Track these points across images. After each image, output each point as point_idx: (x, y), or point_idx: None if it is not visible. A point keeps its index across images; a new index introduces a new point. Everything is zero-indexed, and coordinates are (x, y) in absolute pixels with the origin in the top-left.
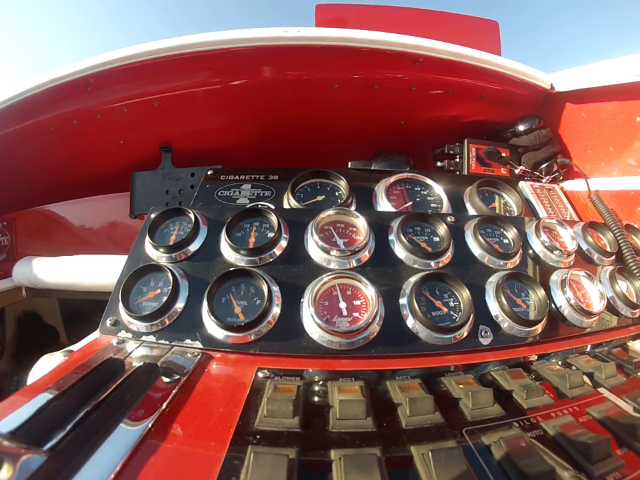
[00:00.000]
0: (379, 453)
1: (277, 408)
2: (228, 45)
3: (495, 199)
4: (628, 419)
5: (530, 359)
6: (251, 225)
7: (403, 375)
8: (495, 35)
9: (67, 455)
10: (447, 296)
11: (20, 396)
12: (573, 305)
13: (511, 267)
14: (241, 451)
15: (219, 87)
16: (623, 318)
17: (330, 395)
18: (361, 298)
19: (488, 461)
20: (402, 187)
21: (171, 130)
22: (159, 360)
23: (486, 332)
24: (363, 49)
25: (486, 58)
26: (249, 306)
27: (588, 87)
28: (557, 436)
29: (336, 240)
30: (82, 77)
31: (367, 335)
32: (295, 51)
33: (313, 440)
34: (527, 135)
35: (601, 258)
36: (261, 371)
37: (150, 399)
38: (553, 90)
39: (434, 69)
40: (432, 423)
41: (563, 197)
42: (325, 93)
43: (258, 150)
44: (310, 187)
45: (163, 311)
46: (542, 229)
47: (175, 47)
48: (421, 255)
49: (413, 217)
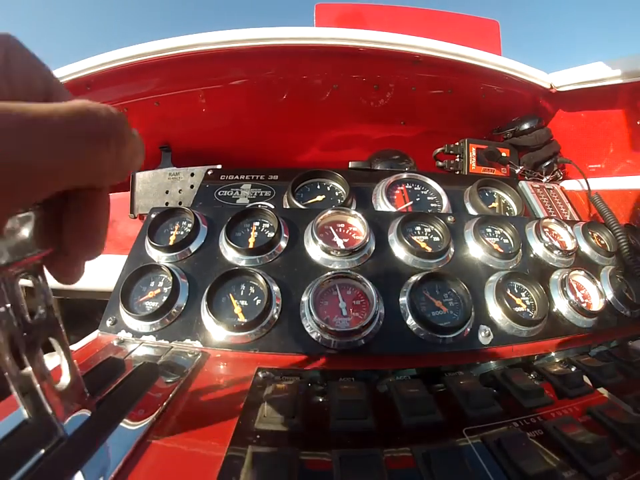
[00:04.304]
0: (379, 453)
1: (277, 408)
2: (228, 45)
3: (495, 199)
4: (628, 418)
5: (530, 359)
6: (251, 225)
7: (403, 375)
8: (495, 34)
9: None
10: (446, 296)
11: None
12: (573, 305)
13: (511, 267)
14: (240, 451)
15: (219, 87)
16: (623, 318)
17: (330, 394)
18: (360, 298)
19: (488, 461)
20: (402, 187)
21: (171, 130)
22: (158, 360)
23: (486, 332)
24: (363, 49)
25: (486, 58)
26: (249, 306)
27: (588, 86)
28: (557, 436)
29: (336, 240)
30: (82, 76)
31: (367, 334)
32: (295, 50)
33: (313, 440)
34: (527, 134)
35: (601, 258)
36: (261, 371)
37: (150, 399)
38: (553, 90)
39: (434, 69)
40: (432, 423)
41: (563, 197)
42: (325, 92)
43: (258, 150)
44: (310, 187)
45: (163, 310)
46: (542, 228)
47: (175, 47)
48: (421, 255)
49: (413, 217)
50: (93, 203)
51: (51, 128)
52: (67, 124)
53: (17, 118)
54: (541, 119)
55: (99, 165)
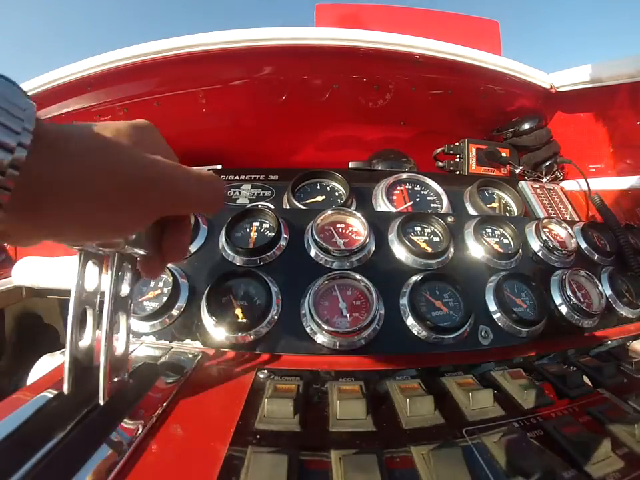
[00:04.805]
0: (379, 453)
1: (276, 408)
2: (228, 45)
3: (495, 199)
4: (628, 419)
5: (530, 359)
6: (251, 225)
7: (403, 375)
8: (495, 34)
9: (67, 455)
10: (446, 296)
11: (20, 396)
12: (573, 305)
13: (510, 267)
14: (240, 451)
15: (218, 87)
16: (622, 318)
17: (330, 394)
18: (360, 298)
19: (488, 461)
20: (402, 187)
21: (171, 130)
22: (158, 360)
23: (486, 332)
24: (363, 49)
25: (486, 58)
26: (249, 306)
27: (588, 87)
28: (557, 436)
29: (336, 240)
30: (83, 76)
31: (367, 335)
32: (295, 50)
33: (313, 440)
34: (527, 134)
35: (601, 258)
36: (261, 371)
37: (150, 399)
38: (553, 90)
39: (434, 69)
40: (432, 423)
41: (563, 197)
42: (325, 93)
43: (258, 150)
44: (310, 187)
45: (163, 311)
46: (542, 228)
47: (175, 47)
48: (420, 255)
49: (413, 217)
50: (184, 226)
51: (200, 181)
52: (208, 181)
53: (194, 175)
54: (541, 119)
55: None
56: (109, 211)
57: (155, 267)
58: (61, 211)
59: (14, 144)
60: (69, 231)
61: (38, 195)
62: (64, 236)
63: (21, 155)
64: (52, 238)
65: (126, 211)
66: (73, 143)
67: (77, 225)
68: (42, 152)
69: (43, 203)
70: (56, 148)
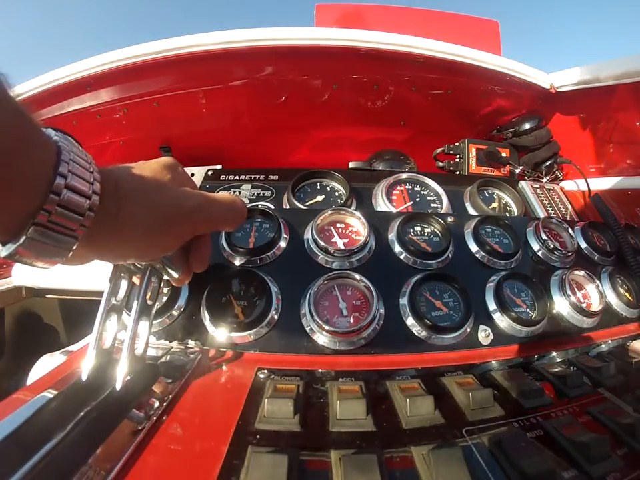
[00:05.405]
0: (379, 453)
1: (276, 408)
2: (228, 45)
3: (495, 199)
4: (628, 419)
5: (530, 359)
6: (251, 225)
7: (403, 375)
8: (495, 35)
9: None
10: (446, 296)
11: (20, 396)
12: (573, 305)
13: (510, 267)
14: (241, 451)
15: (218, 87)
16: (623, 318)
17: (330, 394)
18: (360, 298)
19: (488, 461)
20: (402, 187)
21: (171, 130)
22: (158, 360)
23: (486, 332)
24: (363, 49)
25: (486, 58)
26: (249, 306)
27: (588, 87)
28: (556, 436)
29: (336, 240)
30: (82, 77)
31: (367, 335)
32: (295, 50)
33: (312, 440)
34: (527, 135)
35: (601, 258)
36: (261, 371)
37: (150, 399)
38: (553, 90)
39: (434, 69)
40: (432, 423)
41: (563, 197)
42: (325, 93)
43: (258, 150)
44: (310, 187)
45: (163, 311)
46: (542, 228)
47: (174, 47)
48: (420, 255)
49: (413, 217)
50: (206, 241)
51: (223, 205)
52: (230, 203)
53: (219, 200)
54: (541, 119)
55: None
56: (157, 236)
57: (183, 278)
58: (120, 240)
59: (90, 192)
60: (124, 253)
61: (104, 228)
62: (122, 258)
63: (95, 200)
64: (107, 259)
65: (169, 235)
66: (122, 188)
67: (132, 248)
68: (107, 195)
69: (111, 235)
70: (115, 191)
